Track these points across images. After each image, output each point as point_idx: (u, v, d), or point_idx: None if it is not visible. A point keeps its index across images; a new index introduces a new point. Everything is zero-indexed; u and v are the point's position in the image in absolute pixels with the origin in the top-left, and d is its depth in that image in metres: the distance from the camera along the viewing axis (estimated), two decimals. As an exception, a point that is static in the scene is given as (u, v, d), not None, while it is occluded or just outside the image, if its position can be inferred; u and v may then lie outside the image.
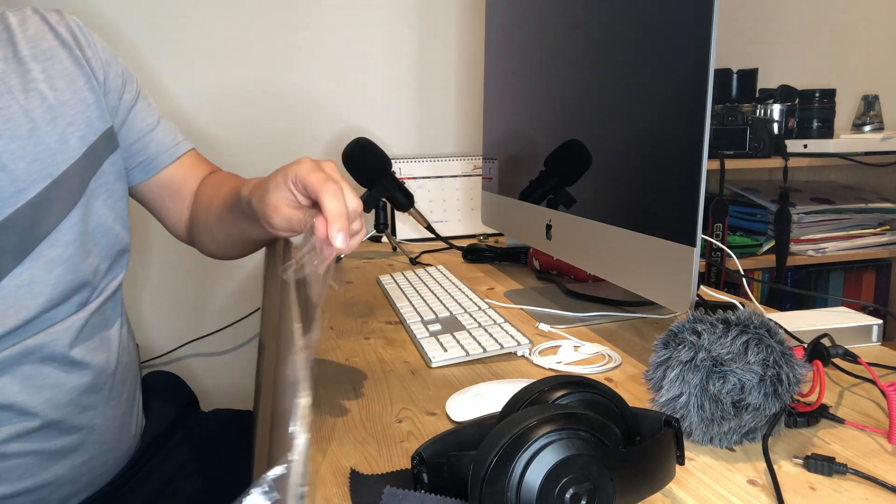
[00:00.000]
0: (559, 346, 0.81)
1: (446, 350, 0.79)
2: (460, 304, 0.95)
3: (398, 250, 1.44)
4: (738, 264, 1.04)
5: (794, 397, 0.57)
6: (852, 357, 0.65)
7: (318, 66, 1.58)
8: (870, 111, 1.87)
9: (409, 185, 1.52)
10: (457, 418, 0.63)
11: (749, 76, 1.79)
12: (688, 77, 0.68)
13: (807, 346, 0.67)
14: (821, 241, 1.74)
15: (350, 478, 0.53)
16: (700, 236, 0.67)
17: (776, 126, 1.70)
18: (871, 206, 1.82)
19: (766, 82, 1.87)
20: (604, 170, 0.87)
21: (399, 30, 1.63)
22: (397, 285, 1.10)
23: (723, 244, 1.54)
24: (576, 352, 0.80)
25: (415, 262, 1.34)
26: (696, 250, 0.67)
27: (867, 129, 1.87)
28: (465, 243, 1.39)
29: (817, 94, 1.72)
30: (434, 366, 0.77)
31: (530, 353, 0.79)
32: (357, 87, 1.62)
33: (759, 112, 1.72)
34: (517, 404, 0.50)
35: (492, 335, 0.82)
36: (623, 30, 0.81)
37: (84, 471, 0.75)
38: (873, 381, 0.64)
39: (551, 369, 0.75)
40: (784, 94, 1.76)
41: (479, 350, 0.78)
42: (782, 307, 1.56)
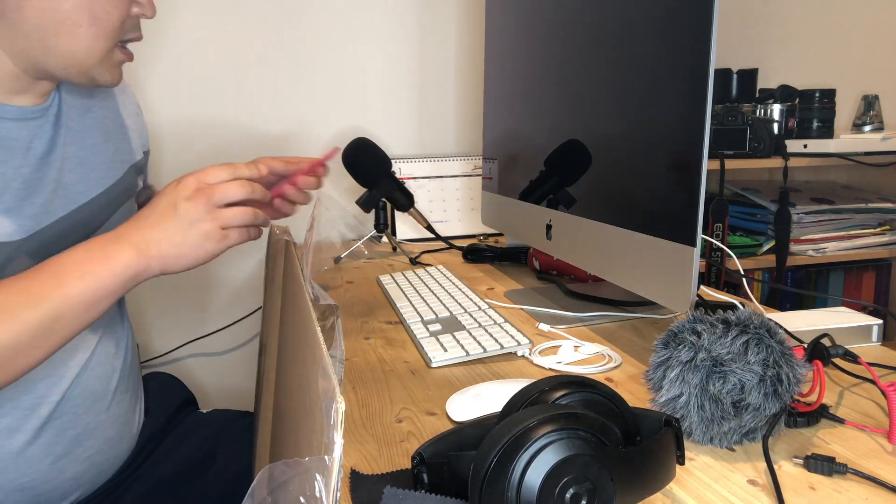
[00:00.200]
0: (559, 346, 0.81)
1: (446, 350, 0.79)
2: (460, 304, 0.95)
3: (398, 250, 1.44)
4: (738, 264, 1.04)
5: (794, 397, 0.57)
6: (852, 357, 0.65)
7: (318, 67, 1.58)
8: (870, 111, 1.87)
9: (409, 185, 1.52)
10: (457, 418, 0.63)
11: (749, 76, 1.79)
12: (688, 77, 0.68)
13: (807, 346, 0.67)
14: (821, 241, 1.74)
15: (350, 478, 0.53)
16: (700, 236, 0.67)
17: (776, 126, 1.70)
18: (871, 206, 1.82)
19: (766, 82, 1.87)
20: (604, 170, 0.87)
21: (399, 30, 1.63)
22: (397, 285, 1.10)
23: (723, 244, 1.53)
24: (576, 352, 0.80)
25: (415, 262, 1.34)
26: (696, 250, 0.67)
27: (867, 129, 1.87)
28: (465, 243, 1.39)
29: (817, 94, 1.72)
30: (434, 366, 0.77)
31: (530, 353, 0.79)
32: (357, 87, 1.62)
33: (759, 112, 1.72)
34: (517, 404, 0.50)
35: (492, 335, 0.82)
36: (623, 30, 0.81)
37: (87, 466, 0.76)
38: (873, 381, 0.64)
39: (551, 369, 0.75)
40: (784, 94, 1.76)
41: (479, 350, 0.78)
42: (782, 307, 1.57)
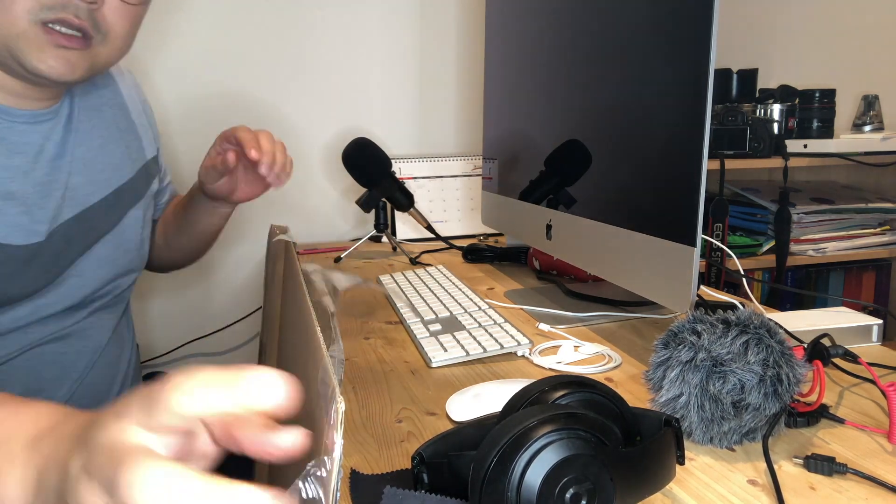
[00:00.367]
0: (559, 346, 0.81)
1: (446, 350, 0.79)
2: (460, 304, 0.95)
3: (398, 250, 1.44)
4: (738, 264, 1.04)
5: (794, 397, 0.57)
6: (852, 357, 0.65)
7: (318, 67, 1.58)
8: (870, 111, 1.87)
9: (409, 185, 1.52)
10: (457, 418, 0.63)
11: (749, 76, 1.79)
12: (688, 77, 0.68)
13: (807, 346, 0.67)
14: (821, 241, 1.74)
15: (350, 478, 0.53)
16: (700, 236, 0.67)
17: (776, 126, 1.70)
18: (871, 206, 1.81)
19: (766, 82, 1.87)
20: (604, 170, 0.87)
21: (399, 30, 1.63)
22: (397, 285, 1.10)
23: (723, 244, 1.53)
24: (576, 352, 0.80)
25: (415, 262, 1.34)
26: (696, 250, 0.67)
27: (867, 129, 1.86)
28: (465, 243, 1.39)
29: (817, 94, 1.72)
30: (434, 366, 0.77)
31: (530, 353, 0.79)
32: (357, 87, 1.62)
33: (759, 112, 1.72)
34: (517, 404, 0.50)
35: (492, 335, 0.82)
36: (623, 30, 0.81)
37: None
38: (873, 381, 0.64)
39: (551, 369, 0.75)
40: (784, 94, 1.76)
41: (479, 350, 0.78)
42: (782, 307, 1.56)
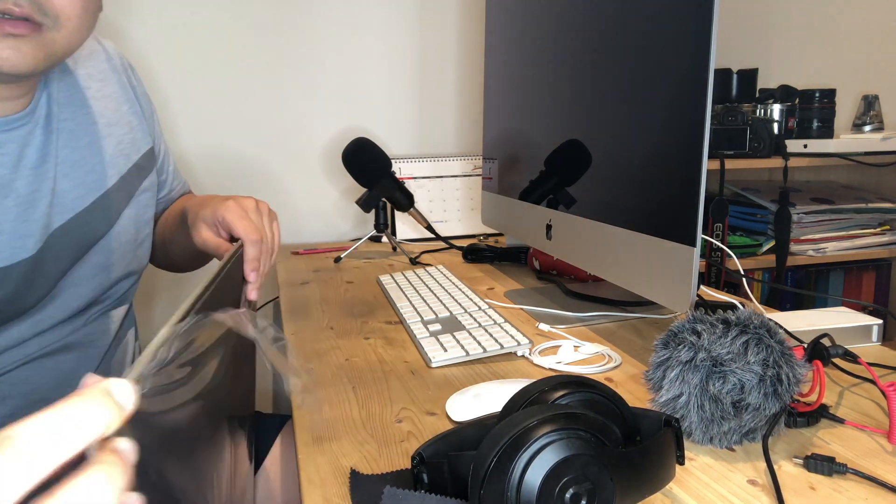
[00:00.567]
0: (559, 346, 0.81)
1: (446, 350, 0.79)
2: (460, 304, 0.95)
3: (398, 250, 1.44)
4: (738, 264, 1.04)
5: (794, 397, 0.57)
6: (852, 357, 0.65)
7: (318, 66, 1.58)
8: (870, 111, 1.87)
9: (409, 185, 1.51)
10: (457, 418, 0.63)
11: (749, 76, 1.79)
12: (688, 77, 0.68)
13: (807, 346, 0.67)
14: (821, 241, 1.74)
15: (350, 478, 0.53)
16: (700, 236, 0.67)
17: (776, 126, 1.70)
18: (871, 206, 1.81)
19: (766, 82, 1.87)
20: (604, 170, 0.87)
21: (399, 30, 1.63)
22: (397, 285, 1.10)
23: (723, 244, 1.53)
24: (576, 352, 0.80)
25: (415, 262, 1.34)
26: (696, 250, 0.67)
27: (867, 129, 1.86)
28: (465, 243, 1.39)
29: (817, 94, 1.72)
30: (434, 366, 0.77)
31: (530, 353, 0.79)
32: (357, 87, 1.62)
33: (759, 112, 1.72)
34: (517, 404, 0.50)
35: (492, 335, 0.82)
36: (623, 29, 0.81)
37: None
38: (873, 381, 0.64)
39: (551, 369, 0.75)
40: (784, 94, 1.76)
41: (479, 350, 0.78)
42: (782, 307, 1.57)
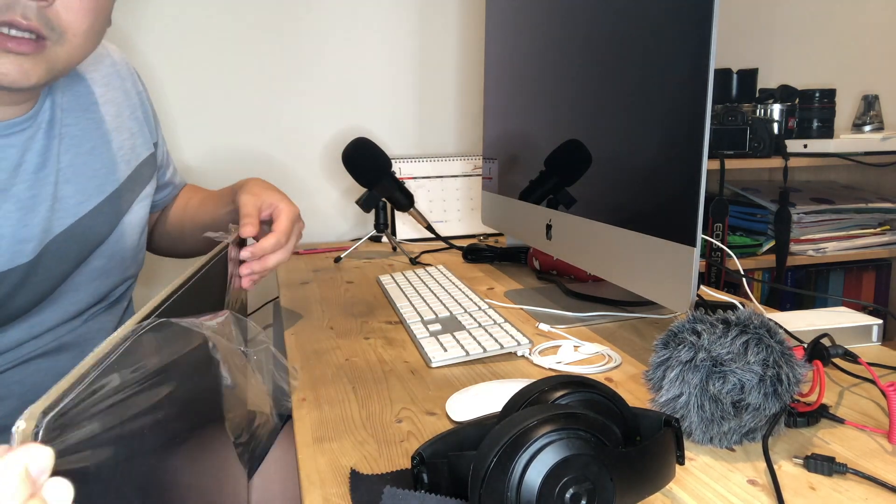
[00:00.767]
0: (559, 346, 0.81)
1: (446, 350, 0.79)
2: (460, 304, 0.95)
3: (398, 250, 1.44)
4: (738, 264, 1.04)
5: (794, 397, 0.57)
6: (852, 357, 0.65)
7: (318, 66, 1.58)
8: (870, 111, 1.87)
9: (409, 185, 1.52)
10: (457, 418, 0.63)
11: (749, 76, 1.79)
12: (688, 77, 0.68)
13: (807, 346, 0.67)
14: (821, 241, 1.74)
15: (350, 478, 0.53)
16: (700, 236, 0.67)
17: (776, 126, 1.70)
18: (871, 206, 1.82)
19: (766, 82, 1.87)
20: (604, 170, 0.87)
21: (399, 30, 1.63)
22: (397, 285, 1.10)
23: (723, 244, 1.53)
24: (576, 352, 0.80)
25: (415, 262, 1.34)
26: (696, 250, 0.67)
27: (867, 129, 1.87)
28: (465, 243, 1.39)
29: (817, 94, 1.72)
30: (434, 366, 0.77)
31: (530, 353, 0.79)
32: (357, 87, 1.62)
33: (759, 112, 1.72)
34: (517, 404, 0.50)
35: (492, 335, 0.82)
36: (623, 29, 0.81)
37: None
38: (873, 381, 0.64)
39: (551, 369, 0.75)
40: (784, 94, 1.76)
41: (479, 350, 0.78)
42: (782, 307, 1.56)
